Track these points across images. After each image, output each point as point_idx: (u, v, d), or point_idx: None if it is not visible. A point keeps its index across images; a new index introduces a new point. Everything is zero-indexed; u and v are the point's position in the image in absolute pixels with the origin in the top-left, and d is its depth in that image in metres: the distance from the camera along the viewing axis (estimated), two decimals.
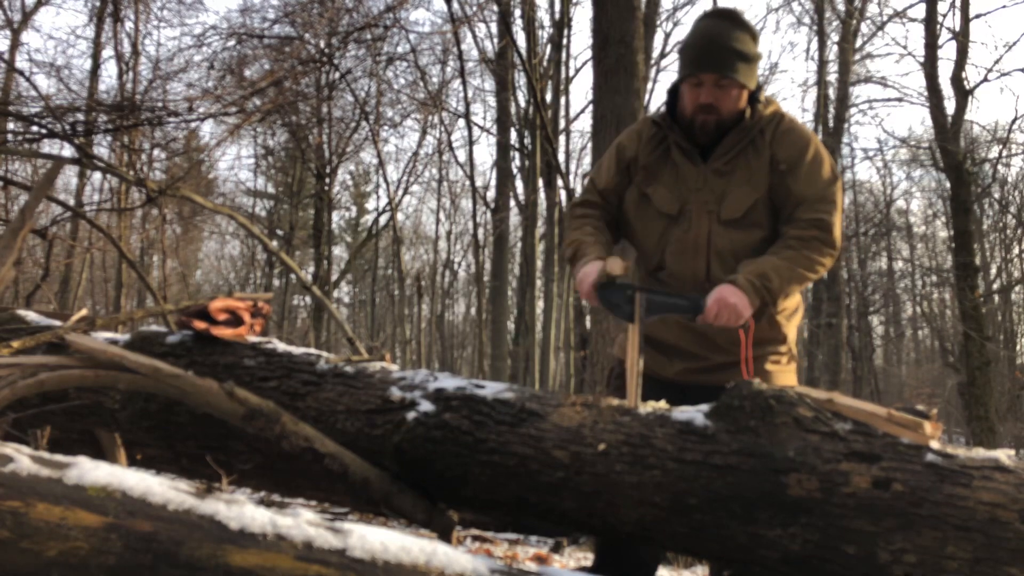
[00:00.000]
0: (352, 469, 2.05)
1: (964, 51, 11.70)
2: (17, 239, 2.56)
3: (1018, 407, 15.33)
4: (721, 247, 2.26)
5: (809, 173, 2.23)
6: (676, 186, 2.30)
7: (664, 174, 2.32)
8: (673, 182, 2.30)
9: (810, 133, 2.31)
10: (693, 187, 2.26)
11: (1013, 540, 1.63)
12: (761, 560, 1.82)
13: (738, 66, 2.15)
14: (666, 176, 2.32)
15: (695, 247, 2.27)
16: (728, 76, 2.15)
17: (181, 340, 2.48)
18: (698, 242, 2.27)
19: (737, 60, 2.15)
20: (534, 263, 13.44)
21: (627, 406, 2.03)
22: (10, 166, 10.56)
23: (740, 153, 2.24)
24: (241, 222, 6.71)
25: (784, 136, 2.24)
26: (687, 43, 2.21)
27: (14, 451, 1.50)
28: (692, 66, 2.17)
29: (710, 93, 2.18)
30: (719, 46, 2.14)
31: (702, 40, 2.16)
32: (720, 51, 2.14)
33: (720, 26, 2.16)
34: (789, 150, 2.22)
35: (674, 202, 2.29)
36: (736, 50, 2.14)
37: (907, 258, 23.05)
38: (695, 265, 2.28)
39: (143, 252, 16.66)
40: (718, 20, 2.18)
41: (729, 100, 2.18)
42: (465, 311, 27.90)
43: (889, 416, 1.82)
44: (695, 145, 2.28)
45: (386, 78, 13.11)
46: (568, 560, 4.17)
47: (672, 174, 2.31)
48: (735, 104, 2.20)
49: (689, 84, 2.21)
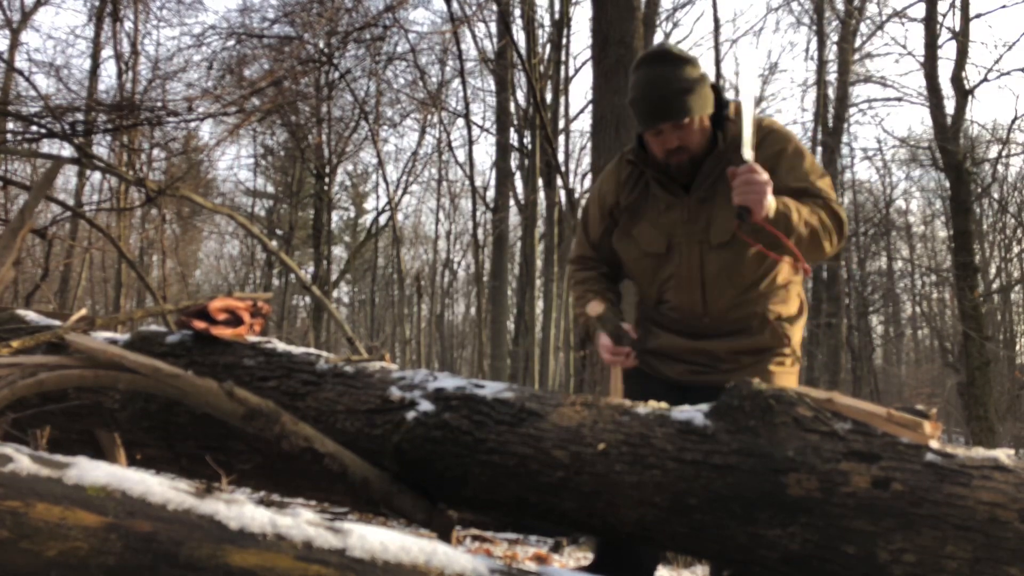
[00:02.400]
0: (352, 469, 2.05)
1: (964, 51, 11.70)
2: (17, 239, 2.56)
3: (1018, 407, 15.34)
4: (714, 271, 2.27)
5: (791, 168, 2.22)
6: (660, 222, 2.30)
7: (647, 211, 2.33)
8: (657, 218, 2.31)
9: (787, 133, 2.29)
10: (679, 220, 2.27)
11: (1013, 540, 1.63)
12: (761, 560, 1.82)
13: (689, 104, 2.13)
14: (649, 213, 2.33)
15: (688, 279, 2.29)
16: (684, 119, 2.15)
17: (181, 340, 2.48)
18: (691, 273, 2.28)
19: (686, 98, 2.13)
20: (534, 263, 13.45)
21: (627, 406, 2.03)
22: (10, 166, 10.56)
23: (720, 177, 2.23)
24: (241, 222, 6.72)
25: (762, 139, 2.22)
26: (634, 97, 2.19)
27: (14, 451, 1.50)
28: (648, 121, 2.17)
29: (674, 137, 2.18)
30: (665, 93, 2.12)
31: (648, 92, 2.14)
32: (668, 98, 2.12)
33: (658, 72, 2.13)
34: (766, 152, 2.21)
35: (661, 238, 2.31)
36: (682, 89, 2.12)
37: (907, 258, 23.05)
38: (692, 297, 2.30)
39: (143, 252, 16.66)
40: (654, 66, 2.14)
41: (694, 135, 2.19)
42: (465, 311, 27.92)
43: (889, 416, 1.82)
44: (673, 179, 2.28)
45: (385, 78, 13.14)
46: (568, 560, 4.17)
47: (655, 210, 2.31)
48: (701, 135, 2.20)
49: (651, 134, 2.22)
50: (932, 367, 24.16)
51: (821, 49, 15.06)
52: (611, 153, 5.16)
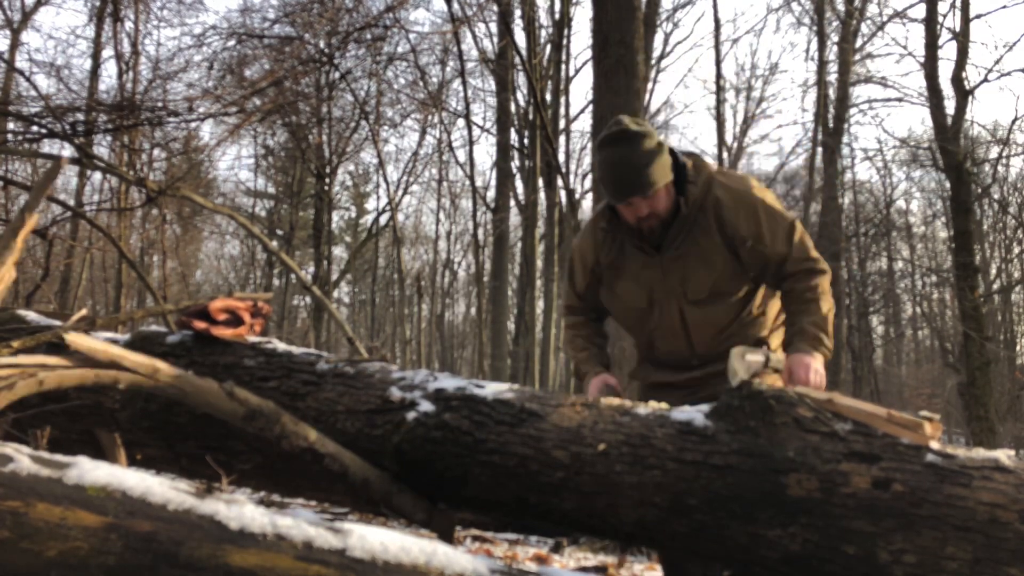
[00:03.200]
0: (352, 469, 2.05)
1: (964, 51, 11.69)
2: (18, 239, 2.56)
3: (1018, 407, 15.33)
4: (695, 321, 2.43)
5: (774, 236, 2.36)
6: (640, 279, 2.46)
7: (626, 269, 2.48)
8: (636, 276, 2.46)
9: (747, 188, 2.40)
10: (656, 277, 2.43)
11: (1013, 540, 1.63)
12: (761, 560, 1.82)
13: (653, 177, 2.27)
14: (629, 270, 2.47)
15: (672, 328, 2.46)
16: (650, 192, 2.28)
17: (181, 340, 2.48)
18: (674, 324, 2.45)
19: (649, 172, 2.26)
20: (534, 263, 13.45)
21: (627, 406, 2.03)
22: (10, 166, 10.56)
23: (688, 237, 2.38)
24: (241, 222, 6.72)
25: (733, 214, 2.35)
26: (602, 177, 2.34)
27: (14, 451, 1.50)
28: (618, 197, 2.32)
29: (643, 206, 2.31)
30: (630, 171, 2.27)
31: (614, 172, 2.29)
32: (632, 175, 2.27)
33: (621, 151, 2.28)
34: (747, 225, 2.35)
35: (642, 295, 2.46)
36: (643, 165, 2.26)
37: (907, 258, 23.03)
38: (678, 344, 2.48)
39: (143, 252, 16.65)
40: (616, 146, 2.29)
41: (661, 202, 2.32)
42: (465, 311, 27.92)
43: (889, 416, 1.82)
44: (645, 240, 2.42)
45: (386, 78, 13.13)
46: (568, 560, 4.17)
47: (633, 268, 2.46)
48: (668, 201, 2.34)
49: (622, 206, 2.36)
50: (932, 367, 24.16)
51: (821, 49, 15.05)
52: None
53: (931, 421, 1.80)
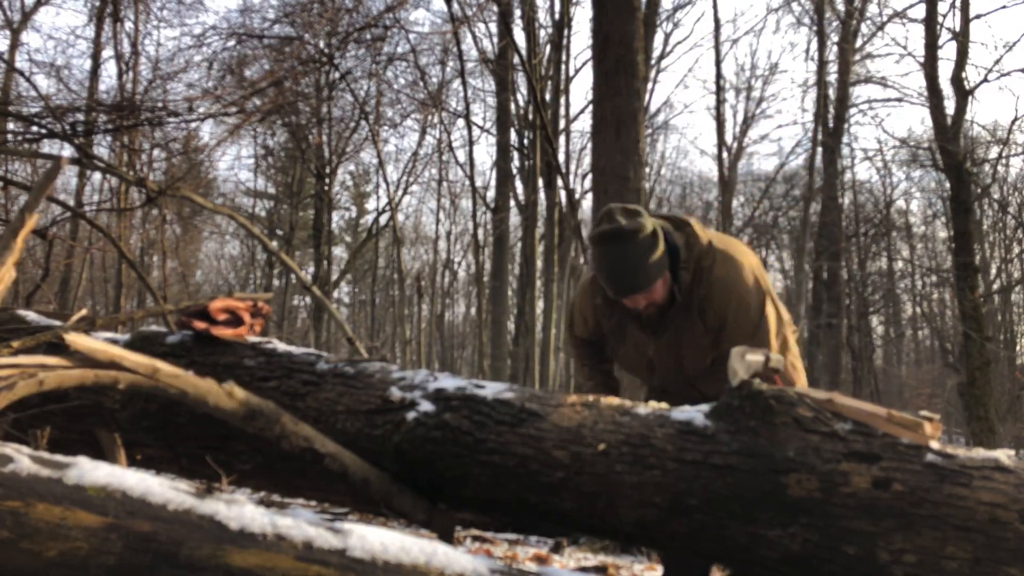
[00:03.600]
0: (352, 469, 2.05)
1: (964, 51, 11.70)
2: (17, 239, 2.56)
3: (1018, 407, 15.33)
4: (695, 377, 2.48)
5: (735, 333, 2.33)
6: (640, 349, 2.50)
7: (627, 336, 2.52)
8: (636, 345, 2.51)
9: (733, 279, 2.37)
10: (654, 352, 2.47)
11: (1013, 540, 1.63)
12: (761, 560, 1.81)
13: (651, 274, 2.29)
14: (629, 338, 2.51)
15: (675, 383, 2.51)
16: (650, 287, 2.30)
17: (181, 340, 2.48)
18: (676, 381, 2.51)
19: (646, 270, 2.28)
20: (534, 263, 13.44)
21: (627, 406, 2.03)
22: (10, 166, 10.55)
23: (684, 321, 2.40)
24: (241, 222, 6.72)
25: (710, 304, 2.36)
26: (599, 273, 2.36)
27: (14, 451, 1.50)
28: (619, 294, 2.34)
29: (641, 299, 2.34)
30: (627, 270, 2.28)
31: (612, 272, 2.31)
32: (630, 275, 2.29)
33: (618, 250, 2.28)
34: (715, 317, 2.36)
35: (643, 363, 2.52)
36: (641, 265, 2.27)
37: (907, 258, 23.03)
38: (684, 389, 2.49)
39: (143, 252, 16.65)
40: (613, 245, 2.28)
41: (659, 293, 2.35)
42: (465, 311, 27.92)
43: (889, 416, 1.82)
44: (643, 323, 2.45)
45: (386, 78, 13.12)
46: (568, 560, 4.17)
47: (633, 338, 2.51)
48: (665, 290, 2.36)
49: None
50: (932, 367, 24.17)
51: (821, 50, 15.05)
52: (611, 154, 5.17)
53: (931, 421, 1.80)
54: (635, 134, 5.21)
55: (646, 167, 5.55)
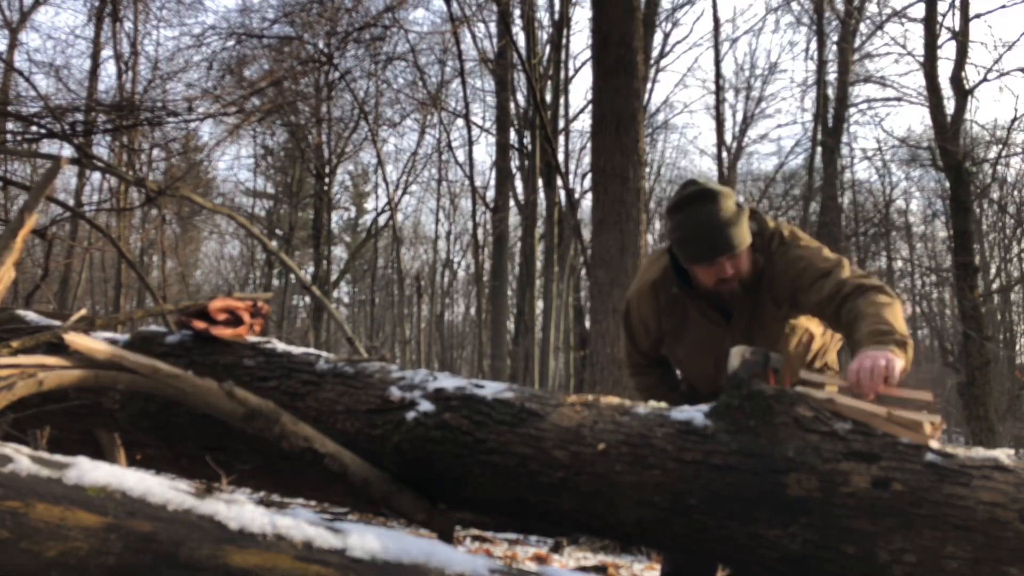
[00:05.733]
0: (352, 469, 2.05)
1: (964, 51, 11.71)
2: (17, 239, 2.56)
3: (1018, 407, 15.32)
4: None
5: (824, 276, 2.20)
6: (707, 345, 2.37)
7: (689, 335, 2.40)
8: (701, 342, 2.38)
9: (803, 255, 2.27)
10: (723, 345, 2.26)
11: (1013, 540, 1.63)
12: (761, 560, 1.81)
13: (739, 237, 2.21)
14: (693, 336, 2.40)
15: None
16: (737, 250, 2.22)
17: (180, 340, 2.48)
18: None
19: (735, 231, 2.20)
20: (534, 263, 13.44)
21: (627, 406, 2.03)
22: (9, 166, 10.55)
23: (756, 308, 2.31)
24: (241, 222, 6.72)
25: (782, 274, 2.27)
26: (684, 237, 2.24)
27: (14, 451, 1.50)
28: (704, 256, 2.23)
29: (727, 266, 2.23)
30: (717, 231, 2.19)
31: (700, 231, 2.21)
32: (720, 235, 2.19)
33: (705, 211, 2.20)
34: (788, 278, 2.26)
35: (708, 361, 2.39)
36: (729, 224, 2.20)
37: (906, 258, 23.03)
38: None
39: (143, 252, 16.65)
40: (698, 204, 2.21)
41: (744, 264, 2.26)
42: (465, 311, 27.90)
43: (889, 416, 1.82)
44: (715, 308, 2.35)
45: (385, 78, 13.12)
46: (568, 560, 4.17)
47: (698, 335, 2.39)
48: (749, 263, 2.28)
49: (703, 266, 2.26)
50: (932, 367, 24.13)
51: (821, 49, 15.05)
52: (611, 153, 5.17)
53: (933, 424, 1.80)
54: (635, 133, 5.21)
55: (646, 167, 5.55)
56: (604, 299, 5.12)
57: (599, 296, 5.22)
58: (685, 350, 2.43)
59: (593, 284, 5.57)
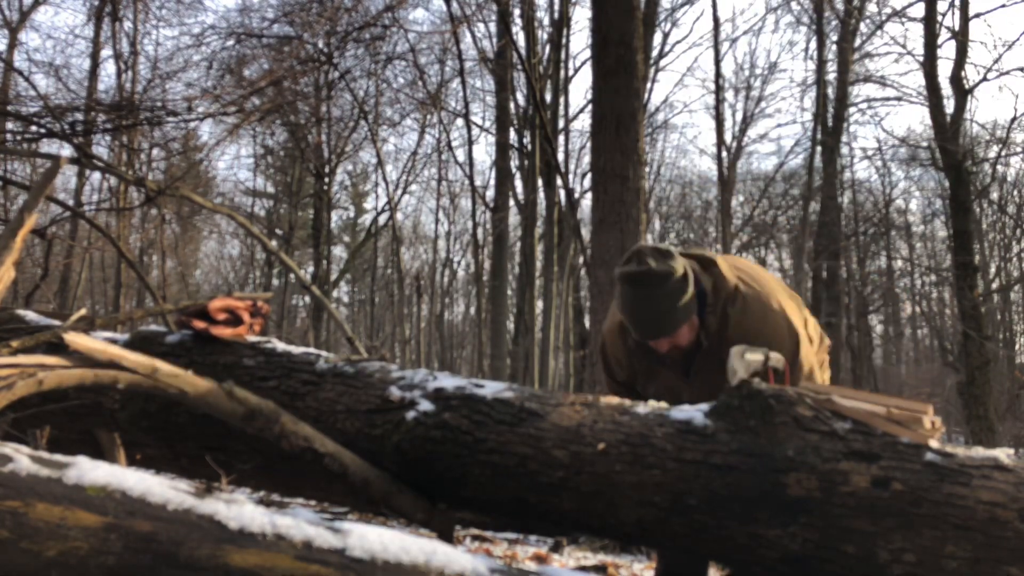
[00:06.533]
0: (352, 469, 2.05)
1: (963, 50, 11.71)
2: (17, 239, 2.56)
3: (1017, 406, 15.33)
4: None
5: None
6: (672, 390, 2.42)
7: (658, 377, 2.47)
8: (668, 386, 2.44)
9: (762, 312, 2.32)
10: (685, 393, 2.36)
11: (1012, 539, 1.63)
12: (761, 560, 1.82)
13: (677, 319, 2.24)
14: (661, 380, 2.46)
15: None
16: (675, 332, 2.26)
17: (180, 340, 2.48)
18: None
19: (673, 315, 2.23)
20: (533, 263, 13.44)
21: (626, 406, 2.03)
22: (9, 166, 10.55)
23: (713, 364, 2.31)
24: (240, 222, 6.72)
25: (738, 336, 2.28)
26: (624, 314, 2.30)
27: (14, 451, 1.50)
28: (644, 337, 2.30)
29: (665, 344, 2.30)
30: (654, 316, 2.23)
31: (639, 315, 2.26)
32: (656, 320, 2.24)
33: (645, 293, 2.22)
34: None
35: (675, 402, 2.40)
36: (668, 309, 2.22)
37: (906, 257, 23.04)
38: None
39: (142, 252, 16.65)
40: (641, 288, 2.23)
41: (684, 338, 2.30)
42: (465, 311, 27.90)
43: (889, 414, 1.82)
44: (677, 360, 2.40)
45: (385, 78, 13.12)
46: (568, 559, 4.17)
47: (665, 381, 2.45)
48: (691, 334, 2.31)
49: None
50: (932, 367, 24.17)
51: (821, 49, 15.04)
52: (610, 153, 5.16)
53: (933, 425, 1.80)
54: (634, 133, 5.21)
55: (645, 166, 5.55)
56: (604, 299, 5.12)
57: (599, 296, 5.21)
58: (655, 392, 2.46)
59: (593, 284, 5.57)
